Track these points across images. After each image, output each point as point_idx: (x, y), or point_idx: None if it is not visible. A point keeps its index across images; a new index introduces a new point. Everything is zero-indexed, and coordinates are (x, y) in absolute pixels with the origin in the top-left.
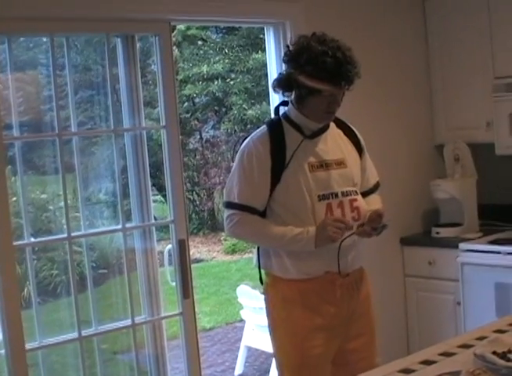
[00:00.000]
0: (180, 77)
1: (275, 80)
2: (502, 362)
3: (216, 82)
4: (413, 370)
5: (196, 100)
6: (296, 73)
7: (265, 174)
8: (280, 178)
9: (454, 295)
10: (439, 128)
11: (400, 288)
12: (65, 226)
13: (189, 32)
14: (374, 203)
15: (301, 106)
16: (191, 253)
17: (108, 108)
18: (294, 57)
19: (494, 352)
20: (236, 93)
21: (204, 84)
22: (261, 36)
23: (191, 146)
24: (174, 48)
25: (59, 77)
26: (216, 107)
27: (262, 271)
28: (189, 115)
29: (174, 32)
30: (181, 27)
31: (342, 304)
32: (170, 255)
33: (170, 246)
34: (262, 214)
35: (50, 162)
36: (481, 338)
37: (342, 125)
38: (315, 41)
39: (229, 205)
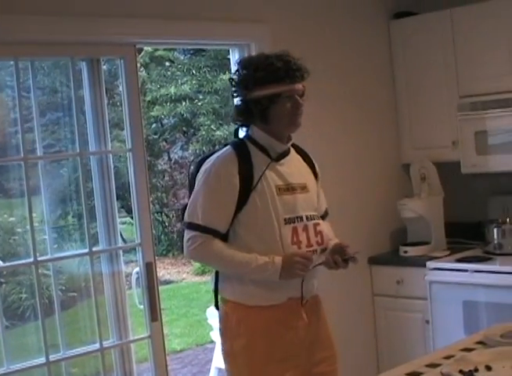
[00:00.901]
0: (148, 98)
1: (233, 112)
2: None
3: (184, 103)
4: None
5: (164, 121)
6: (249, 92)
7: (233, 194)
8: (247, 200)
9: (422, 314)
10: (405, 147)
11: (369, 307)
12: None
13: (157, 53)
14: (327, 229)
15: (267, 122)
16: (160, 274)
17: (75, 130)
18: (241, 78)
19: (460, 371)
20: (204, 114)
21: (172, 105)
22: (229, 57)
23: (159, 168)
24: (141, 69)
25: (27, 99)
26: (184, 128)
27: (220, 296)
28: (157, 136)
29: (142, 53)
30: (148, 48)
31: (304, 331)
32: (138, 278)
33: (137, 269)
34: (224, 236)
35: (17, 185)
36: (448, 357)
37: (300, 151)
38: (255, 56)
39: (191, 226)
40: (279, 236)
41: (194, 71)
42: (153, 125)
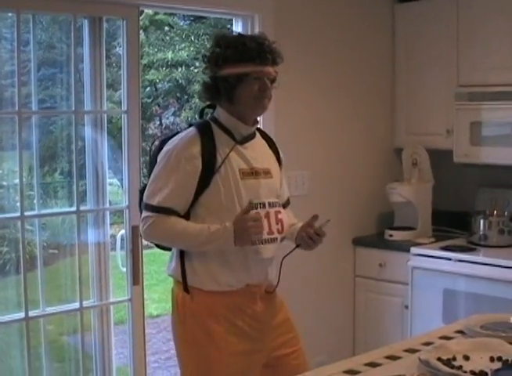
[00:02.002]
0: (144, 61)
1: (201, 88)
2: (446, 368)
3: (180, 69)
4: (358, 372)
5: (159, 86)
6: (219, 69)
7: (194, 176)
8: (209, 182)
9: (402, 298)
10: (399, 131)
11: (349, 288)
12: (18, 204)
13: (157, 17)
14: (289, 218)
15: (232, 102)
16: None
17: (70, 88)
18: (212, 55)
19: (439, 359)
20: (198, 81)
21: (168, 70)
22: (229, 26)
23: (150, 132)
24: (140, 32)
25: (23, 53)
26: (178, 94)
27: (175, 280)
28: (150, 100)
29: (142, 16)
30: (149, 11)
31: (262, 317)
32: (122, 240)
33: (123, 231)
34: (182, 217)
35: (8, 138)
36: (427, 344)
37: (265, 137)
38: (230, 34)
39: (147, 208)
40: None
41: (193, 38)
42: (147, 89)
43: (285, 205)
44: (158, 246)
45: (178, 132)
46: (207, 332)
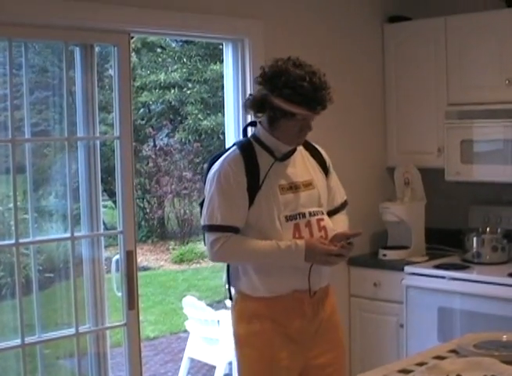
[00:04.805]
0: (137, 83)
1: (248, 100)
2: None
3: (173, 91)
4: None
5: (152, 107)
6: (271, 95)
7: (244, 194)
8: (254, 200)
9: (397, 317)
10: (391, 150)
11: (344, 308)
12: (13, 228)
13: (149, 39)
14: (341, 222)
15: (272, 128)
16: (139, 260)
17: (63, 111)
18: (271, 79)
19: None
20: (191, 103)
21: (161, 92)
22: (221, 47)
23: (144, 153)
24: (132, 54)
25: (16, 76)
26: (171, 116)
27: (232, 288)
28: (143, 122)
29: (134, 38)
30: None
31: (309, 319)
32: (117, 263)
33: (118, 256)
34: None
35: (1, 162)
36: (420, 364)
37: (309, 147)
38: (292, 65)
39: (213, 228)
40: (280, 233)
41: (185, 59)
42: (141, 111)
43: (339, 209)
44: None
45: (223, 152)
46: (254, 329)
